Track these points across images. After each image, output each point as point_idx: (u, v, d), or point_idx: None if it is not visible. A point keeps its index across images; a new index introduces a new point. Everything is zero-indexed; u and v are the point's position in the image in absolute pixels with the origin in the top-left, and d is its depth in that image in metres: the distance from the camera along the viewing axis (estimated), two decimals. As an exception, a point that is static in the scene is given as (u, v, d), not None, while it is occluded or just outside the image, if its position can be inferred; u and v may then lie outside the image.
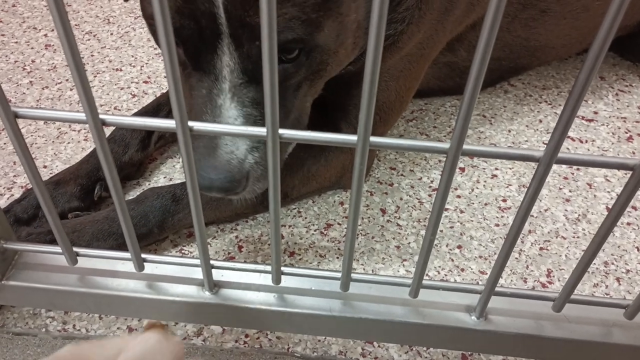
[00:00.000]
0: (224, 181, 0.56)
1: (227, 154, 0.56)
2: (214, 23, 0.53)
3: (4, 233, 0.55)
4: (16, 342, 0.64)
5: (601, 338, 0.51)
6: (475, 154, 0.38)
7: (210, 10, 0.52)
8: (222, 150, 0.56)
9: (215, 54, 0.55)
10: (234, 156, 0.57)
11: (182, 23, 0.54)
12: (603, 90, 1.06)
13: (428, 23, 0.77)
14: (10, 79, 1.03)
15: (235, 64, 0.55)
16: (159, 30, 0.32)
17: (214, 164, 0.56)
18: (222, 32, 0.54)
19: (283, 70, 0.58)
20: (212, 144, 0.56)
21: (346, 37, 0.62)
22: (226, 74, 0.56)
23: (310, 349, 0.64)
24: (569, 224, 0.80)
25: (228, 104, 0.57)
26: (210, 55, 0.56)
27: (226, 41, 0.54)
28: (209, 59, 0.56)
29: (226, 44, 0.54)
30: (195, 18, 0.54)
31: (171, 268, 0.55)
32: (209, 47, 0.55)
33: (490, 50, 0.31)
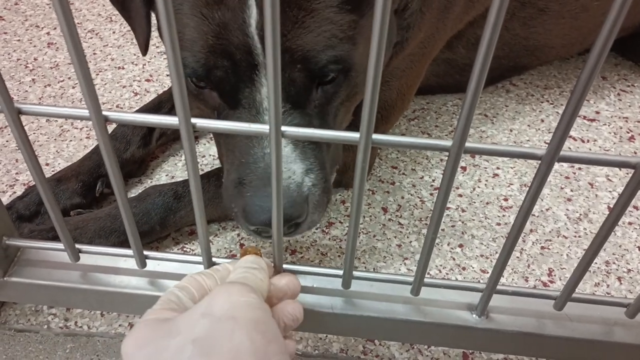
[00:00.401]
0: (286, 207, 0.53)
1: (285, 180, 0.55)
2: (249, 55, 0.52)
3: (7, 230, 0.55)
4: (18, 339, 0.64)
5: (602, 337, 0.51)
6: (477, 151, 0.38)
7: (245, 42, 0.51)
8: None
9: (253, 87, 0.54)
10: (292, 180, 0.55)
11: (216, 62, 0.52)
12: (605, 90, 1.06)
13: (428, 22, 0.77)
14: (13, 77, 1.03)
15: None
16: (162, 23, 0.32)
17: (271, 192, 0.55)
18: (258, 63, 0.52)
19: (323, 93, 0.56)
20: (266, 173, 0.54)
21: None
22: (267, 106, 0.54)
23: (312, 347, 0.64)
24: (571, 224, 0.80)
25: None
26: (247, 89, 0.54)
27: (264, 72, 0.53)
28: (246, 94, 0.55)
29: (264, 75, 0.53)
30: (228, 54, 0.53)
31: (173, 265, 0.55)
32: (245, 82, 0.54)
33: (492, 48, 0.32)
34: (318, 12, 0.52)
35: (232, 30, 0.52)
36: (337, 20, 0.53)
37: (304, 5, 0.52)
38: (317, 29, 0.52)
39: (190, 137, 0.38)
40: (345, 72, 0.56)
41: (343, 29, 0.54)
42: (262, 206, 0.54)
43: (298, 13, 0.52)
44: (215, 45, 0.52)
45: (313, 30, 0.52)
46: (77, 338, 0.64)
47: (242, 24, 0.51)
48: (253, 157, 0.55)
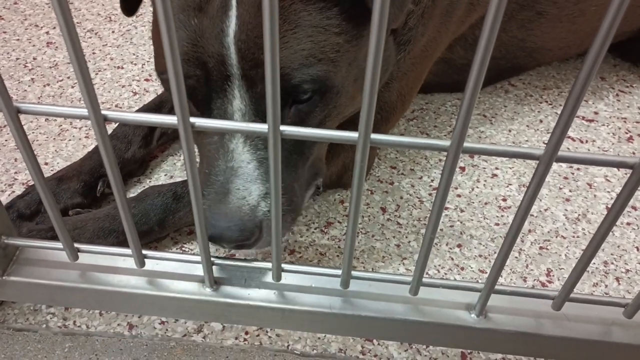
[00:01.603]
0: (234, 230, 0.53)
1: (239, 200, 0.53)
2: (222, 65, 0.51)
3: (5, 229, 0.55)
4: (17, 338, 0.64)
5: (600, 337, 0.51)
6: (476, 151, 0.38)
7: (220, 51, 0.51)
8: (234, 196, 0.53)
9: (225, 98, 0.53)
10: (246, 202, 0.54)
11: (188, 71, 0.52)
12: (603, 91, 1.06)
13: (431, 27, 0.77)
14: (12, 76, 1.03)
15: (246, 106, 0.53)
16: (161, 23, 0.32)
17: (224, 210, 0.53)
18: (231, 75, 0.52)
19: (297, 111, 0.55)
20: (223, 189, 0.54)
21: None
22: (237, 118, 0.54)
23: (310, 347, 0.64)
24: (569, 224, 0.80)
25: (241, 148, 0.54)
26: (220, 100, 0.54)
27: (237, 84, 0.52)
28: (218, 104, 0.54)
29: (237, 87, 0.52)
30: (202, 63, 0.52)
31: (172, 265, 0.55)
32: (217, 93, 0.54)
33: (490, 49, 0.32)
34: (301, 29, 0.51)
35: (208, 39, 0.51)
36: (319, 40, 0.53)
37: (290, 18, 0.51)
38: (295, 46, 0.51)
39: (189, 137, 0.38)
40: (322, 93, 0.55)
41: (324, 50, 0.53)
42: (213, 223, 0.53)
43: (282, 25, 0.51)
44: (189, 52, 0.52)
45: (291, 47, 0.51)
46: (75, 337, 0.64)
47: (220, 33, 0.50)
48: (215, 169, 0.54)
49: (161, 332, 0.65)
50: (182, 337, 0.64)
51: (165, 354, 0.63)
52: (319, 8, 0.53)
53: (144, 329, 0.65)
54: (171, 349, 0.63)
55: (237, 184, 0.54)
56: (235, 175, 0.54)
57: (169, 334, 0.65)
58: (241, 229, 0.53)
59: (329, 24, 0.53)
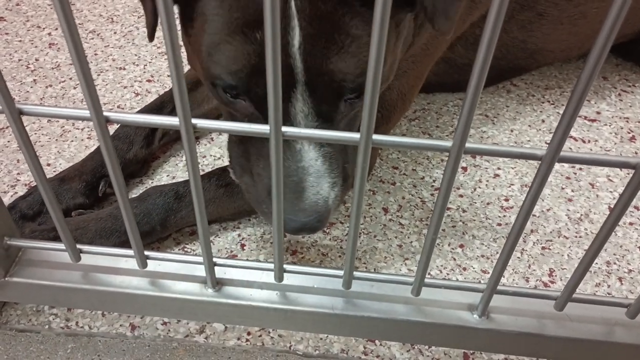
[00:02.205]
0: (313, 222, 0.57)
1: (314, 195, 0.57)
2: (289, 74, 0.53)
3: (8, 230, 0.55)
4: (19, 339, 0.64)
5: (603, 337, 0.51)
6: (478, 152, 0.38)
7: (287, 62, 0.53)
8: (309, 192, 0.57)
9: (289, 102, 0.56)
10: (320, 196, 0.58)
11: (258, 81, 0.54)
12: (606, 91, 1.06)
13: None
14: (14, 78, 1.03)
15: (309, 108, 0.56)
16: (163, 24, 0.32)
17: (303, 207, 0.57)
18: (297, 82, 0.54)
19: (350, 105, 0.58)
20: (298, 188, 0.57)
21: (395, 63, 0.65)
22: (300, 120, 0.56)
23: (312, 347, 0.64)
24: (571, 224, 0.80)
25: (307, 147, 0.57)
26: (284, 104, 0.56)
27: (300, 89, 0.54)
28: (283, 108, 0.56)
29: (300, 92, 0.55)
30: None
31: (174, 265, 0.55)
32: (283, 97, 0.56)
33: (492, 49, 0.32)
34: (357, 40, 0.54)
35: None
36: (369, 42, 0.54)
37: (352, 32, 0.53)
38: (352, 58, 0.54)
39: (190, 138, 0.38)
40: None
41: None
42: (294, 219, 0.57)
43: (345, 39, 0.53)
44: (258, 64, 0.53)
45: (351, 60, 0.54)
46: (78, 338, 0.64)
47: (286, 45, 0.52)
48: (287, 170, 0.57)
49: (163, 332, 0.65)
50: (185, 338, 0.64)
51: (168, 354, 0.63)
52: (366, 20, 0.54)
53: (147, 329, 0.65)
54: (173, 349, 0.63)
55: (310, 181, 0.57)
56: (307, 174, 0.58)
57: (172, 335, 0.65)
58: (319, 220, 0.58)
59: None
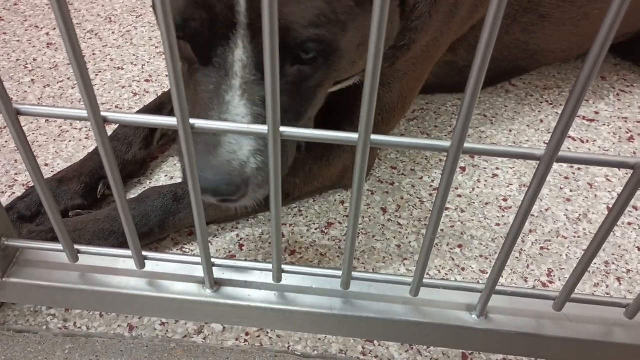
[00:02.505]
0: (221, 184, 0.52)
1: (229, 154, 0.52)
2: (229, 11, 0.50)
3: (6, 230, 0.55)
4: (17, 340, 0.64)
5: (602, 337, 0.51)
6: (476, 152, 0.38)
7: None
8: (224, 149, 0.52)
9: (227, 46, 0.52)
10: (236, 157, 0.52)
11: (193, 13, 0.50)
12: (604, 91, 1.06)
13: (434, 26, 0.77)
14: (12, 77, 1.03)
15: (248, 58, 0.52)
16: (161, 25, 0.32)
17: (212, 163, 0.52)
18: (237, 23, 0.50)
19: (299, 71, 0.54)
20: (214, 141, 0.52)
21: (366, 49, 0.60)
22: (238, 70, 0.52)
23: (311, 348, 0.64)
24: (570, 224, 0.80)
25: (237, 100, 0.53)
26: (221, 48, 0.52)
27: (241, 33, 0.50)
28: (219, 52, 0.52)
29: (241, 36, 0.51)
30: (208, 6, 0.50)
31: (172, 266, 0.55)
32: (220, 40, 0.52)
33: (490, 50, 0.32)
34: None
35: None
36: (332, 0, 0.52)
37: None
38: (307, 2, 0.50)
39: (188, 139, 0.38)
40: (325, 55, 0.54)
41: (336, 11, 0.52)
42: (201, 176, 0.51)
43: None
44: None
45: (303, 3, 0.50)
46: (76, 339, 0.64)
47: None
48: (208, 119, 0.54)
49: (162, 333, 0.65)
50: (183, 339, 0.64)
51: (166, 355, 0.63)
52: None
53: (145, 330, 0.65)
54: (172, 350, 0.63)
55: (229, 137, 0.52)
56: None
57: (170, 335, 0.65)
58: (228, 184, 0.52)
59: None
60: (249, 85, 0.53)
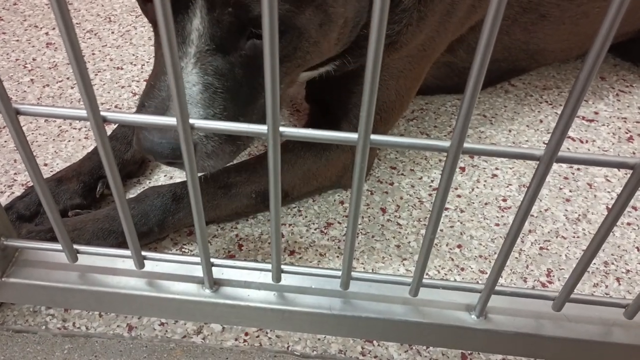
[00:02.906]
0: (166, 147, 0.54)
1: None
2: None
3: (5, 230, 0.55)
4: (16, 340, 0.64)
5: (601, 337, 0.51)
6: (476, 152, 0.38)
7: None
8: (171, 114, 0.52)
9: (186, 14, 0.53)
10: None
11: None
12: (604, 91, 1.06)
13: (429, 25, 0.77)
14: (11, 77, 1.03)
15: (205, 28, 0.53)
16: (159, 20, 0.32)
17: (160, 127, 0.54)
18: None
19: (253, 46, 0.55)
20: (163, 105, 0.54)
21: (331, 29, 0.60)
22: (194, 38, 0.54)
23: (310, 348, 0.64)
24: (569, 224, 0.80)
25: (190, 68, 0.54)
26: (180, 15, 0.53)
27: (199, 3, 0.52)
28: (179, 19, 0.54)
29: (199, 6, 0.52)
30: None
31: (171, 266, 0.55)
32: (180, 7, 0.53)
33: (490, 51, 0.32)
34: None
35: None
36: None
37: None
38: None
39: (188, 138, 0.38)
40: (281, 32, 0.55)
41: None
42: (146, 136, 0.53)
43: None
44: None
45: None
46: (75, 339, 0.64)
47: None
48: (160, 83, 0.55)
49: (161, 333, 0.65)
50: (182, 339, 0.64)
51: (165, 355, 0.63)
52: None
53: (144, 330, 0.65)
54: (171, 350, 0.63)
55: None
56: None
57: (169, 335, 0.64)
58: (173, 148, 0.54)
59: None
60: (203, 55, 0.55)
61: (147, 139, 0.54)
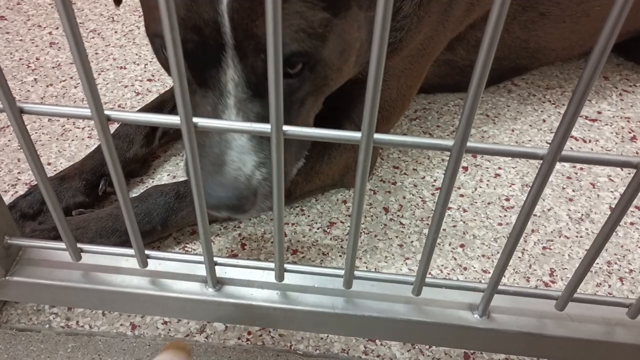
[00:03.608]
0: (232, 199, 0.55)
1: (235, 171, 0.56)
2: (217, 33, 0.52)
3: (8, 229, 0.55)
4: (19, 338, 0.64)
5: (604, 337, 0.51)
6: (479, 151, 0.38)
7: (214, 19, 0.51)
8: (230, 167, 0.56)
9: (219, 67, 0.54)
10: (242, 172, 0.56)
11: (185, 36, 0.53)
12: (607, 90, 1.05)
13: (428, 25, 0.77)
14: (15, 77, 1.03)
15: (239, 77, 0.55)
16: (164, 21, 0.32)
17: (221, 181, 0.55)
18: (226, 43, 0.53)
19: (287, 85, 0.57)
20: (219, 161, 0.56)
21: (350, 54, 0.62)
22: (231, 89, 0.55)
23: (313, 347, 0.64)
24: (572, 224, 0.80)
25: (233, 119, 0.56)
26: (214, 69, 0.55)
27: (230, 53, 0.53)
28: (213, 73, 0.55)
29: (230, 57, 0.53)
30: (198, 29, 0.53)
31: (174, 265, 0.55)
32: (213, 61, 0.54)
33: (494, 49, 0.32)
34: (290, 4, 0.52)
35: (202, 5, 0.52)
36: (307, 15, 0.54)
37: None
38: (285, 22, 0.52)
39: (191, 137, 0.38)
40: (310, 67, 0.57)
41: (313, 25, 0.54)
42: (210, 193, 0.55)
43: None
44: (185, 18, 0.52)
45: (286, 20, 0.52)
46: (78, 337, 0.64)
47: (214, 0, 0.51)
48: (210, 140, 0.56)
49: (164, 332, 0.65)
50: (185, 337, 0.64)
51: (168, 354, 0.63)
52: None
53: (147, 329, 0.65)
54: (174, 349, 0.63)
55: (231, 155, 0.56)
56: (229, 147, 0.56)
57: (172, 334, 0.65)
58: (238, 197, 0.56)
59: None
60: (243, 103, 0.56)
61: (212, 196, 0.55)
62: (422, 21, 0.75)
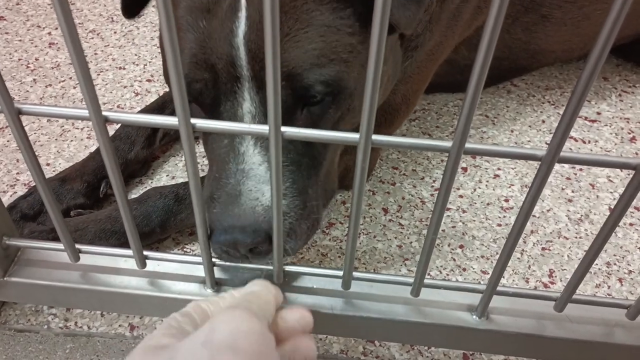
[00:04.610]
0: (248, 232, 0.50)
1: (251, 201, 0.51)
2: (232, 67, 0.51)
3: (7, 230, 0.55)
4: (18, 339, 0.64)
5: (603, 338, 0.51)
6: (478, 152, 0.38)
7: (229, 52, 0.50)
8: (246, 197, 0.51)
9: (235, 101, 0.52)
10: (259, 203, 0.51)
11: (195, 75, 0.51)
12: (606, 91, 1.05)
13: (437, 32, 0.77)
14: (14, 77, 1.03)
15: (256, 108, 0.52)
16: (163, 26, 0.32)
17: (236, 212, 0.51)
18: (241, 76, 0.51)
19: (309, 114, 0.54)
20: (235, 191, 0.52)
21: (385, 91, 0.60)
22: (248, 121, 0.53)
23: (312, 348, 0.64)
24: (572, 225, 0.80)
25: (252, 150, 0.53)
26: (229, 103, 0.53)
27: (247, 85, 0.51)
28: (227, 107, 0.53)
29: (247, 89, 0.51)
30: (210, 65, 0.51)
31: (173, 265, 0.55)
32: (227, 96, 0.53)
33: (492, 51, 0.32)
34: (313, 28, 0.51)
35: (217, 40, 0.51)
36: (332, 40, 0.52)
37: (302, 17, 0.50)
38: (307, 45, 0.50)
39: (190, 138, 0.38)
40: (334, 95, 0.54)
41: (337, 50, 0.52)
42: (225, 226, 0.51)
43: (293, 25, 0.50)
44: (198, 54, 0.51)
45: (303, 46, 0.50)
46: (77, 338, 0.64)
47: (229, 33, 0.50)
48: (226, 172, 0.53)
49: (163, 333, 0.65)
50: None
51: (167, 354, 0.63)
52: (332, 8, 0.52)
53: (146, 329, 0.65)
54: (173, 349, 0.63)
55: (249, 185, 0.52)
56: (246, 177, 0.52)
57: (171, 335, 0.64)
58: (255, 230, 0.50)
59: (341, 24, 0.52)
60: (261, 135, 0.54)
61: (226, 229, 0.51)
62: (433, 33, 0.75)
